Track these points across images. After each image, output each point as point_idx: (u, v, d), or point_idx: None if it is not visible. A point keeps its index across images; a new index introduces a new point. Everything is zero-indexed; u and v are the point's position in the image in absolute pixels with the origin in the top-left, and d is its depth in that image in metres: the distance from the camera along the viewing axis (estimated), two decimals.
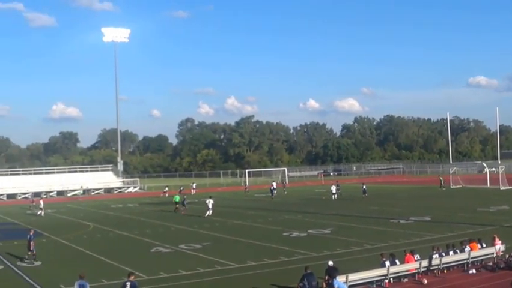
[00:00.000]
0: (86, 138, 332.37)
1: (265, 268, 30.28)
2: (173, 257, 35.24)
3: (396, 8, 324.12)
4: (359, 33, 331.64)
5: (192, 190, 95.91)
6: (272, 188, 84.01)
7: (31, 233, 36.08)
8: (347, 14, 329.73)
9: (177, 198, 68.22)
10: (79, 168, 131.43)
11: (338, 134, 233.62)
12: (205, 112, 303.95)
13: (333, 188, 75.31)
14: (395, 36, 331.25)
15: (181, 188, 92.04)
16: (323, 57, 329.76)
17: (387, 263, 26.14)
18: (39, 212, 66.23)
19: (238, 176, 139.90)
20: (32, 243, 34.99)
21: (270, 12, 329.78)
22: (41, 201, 69.84)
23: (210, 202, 58.66)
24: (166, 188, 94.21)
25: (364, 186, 77.72)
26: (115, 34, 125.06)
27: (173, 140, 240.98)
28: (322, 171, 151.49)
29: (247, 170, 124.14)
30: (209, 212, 57.98)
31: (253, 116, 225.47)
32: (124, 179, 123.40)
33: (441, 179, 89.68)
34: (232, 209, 66.60)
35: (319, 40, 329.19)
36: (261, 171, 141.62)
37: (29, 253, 35.02)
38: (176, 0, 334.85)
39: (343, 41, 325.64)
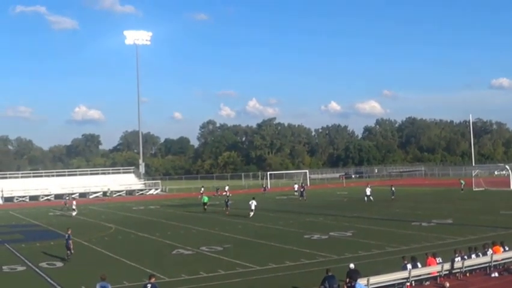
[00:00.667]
0: (108, 141, 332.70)
1: (287, 271, 30.27)
2: (195, 259, 35.27)
3: (416, 9, 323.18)
4: (379, 34, 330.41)
5: (225, 192, 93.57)
6: (302, 189, 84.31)
7: (69, 232, 36.63)
8: (367, 14, 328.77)
9: (205, 199, 70.30)
10: (101, 170, 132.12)
11: (360, 136, 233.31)
12: (226, 114, 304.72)
13: (368, 191, 74.94)
14: (416, 37, 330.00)
15: (218, 188, 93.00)
16: (344, 59, 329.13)
17: (409, 266, 26.07)
18: (74, 213, 67.08)
19: (259, 178, 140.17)
20: (70, 242, 35.81)
21: (290, 12, 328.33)
22: (74, 202, 71.34)
23: (253, 203, 59.63)
24: (202, 189, 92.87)
25: (393, 188, 77.42)
26: (137, 37, 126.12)
27: (195, 142, 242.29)
28: (343, 174, 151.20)
29: (268, 172, 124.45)
30: (252, 213, 58.73)
31: (274, 118, 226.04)
32: (146, 181, 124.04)
33: (462, 181, 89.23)
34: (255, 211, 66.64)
35: (340, 41, 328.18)
36: (282, 173, 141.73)
37: (68, 252, 35.70)
38: (197, 2, 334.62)
39: (364, 42, 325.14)
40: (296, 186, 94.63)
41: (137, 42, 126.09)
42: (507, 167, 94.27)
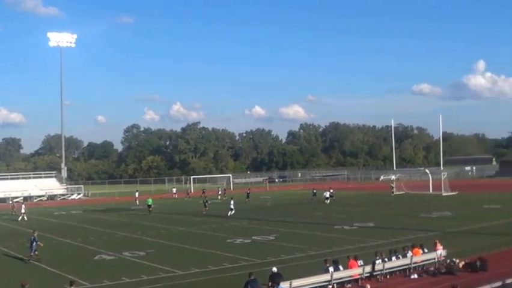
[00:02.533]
0: (30, 145, 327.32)
1: (209, 275, 30.22)
2: (117, 264, 34.90)
3: (339, 17, 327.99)
4: (303, 41, 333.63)
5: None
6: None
7: (35, 235, 37.16)
8: (290, 22, 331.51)
9: (149, 201, 70.88)
10: (22, 174, 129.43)
11: (284, 140, 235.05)
12: (150, 118, 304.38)
13: (327, 193, 75.92)
14: (339, 44, 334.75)
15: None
16: (267, 64, 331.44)
17: (331, 269, 26.37)
18: (20, 218, 65.92)
19: (183, 182, 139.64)
20: (34, 244, 36.34)
21: (215, 19, 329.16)
22: (23, 206, 70.27)
23: (231, 203, 63.42)
24: (137, 193, 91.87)
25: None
26: (61, 39, 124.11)
27: (119, 147, 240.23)
28: (267, 178, 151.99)
29: (192, 177, 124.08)
30: (231, 213, 62.26)
31: (199, 122, 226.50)
32: (68, 186, 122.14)
33: (393, 185, 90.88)
34: (178, 215, 66.39)
35: (263, 47, 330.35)
36: (206, 177, 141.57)
37: (32, 254, 36.06)
38: (122, 5, 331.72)
39: (288, 48, 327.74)
40: (222, 190, 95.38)
41: (61, 44, 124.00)
42: (427, 171, 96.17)
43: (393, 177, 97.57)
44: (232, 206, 63.18)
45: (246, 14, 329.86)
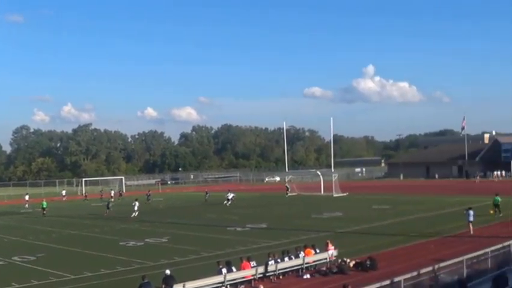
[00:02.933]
0: None
1: (102, 279, 29.84)
2: (6, 269, 33.96)
3: (230, 18, 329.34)
4: (195, 39, 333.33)
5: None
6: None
7: None
8: (185, 19, 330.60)
9: (44, 204, 70.08)
10: None
11: (176, 142, 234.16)
12: (40, 119, 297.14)
13: (230, 195, 75.98)
14: (231, 44, 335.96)
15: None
16: (158, 64, 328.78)
17: (224, 270, 26.44)
18: None
19: (74, 185, 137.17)
20: None
21: (106, 15, 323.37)
22: None
23: (135, 204, 63.72)
24: (27, 196, 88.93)
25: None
26: None
27: (7, 148, 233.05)
28: (160, 180, 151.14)
29: (83, 179, 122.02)
30: (135, 214, 62.68)
31: (90, 124, 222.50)
32: None
33: (288, 186, 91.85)
34: (69, 218, 65.16)
35: (157, 45, 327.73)
36: (98, 180, 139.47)
37: None
38: (12, 3, 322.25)
39: (178, 47, 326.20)
40: (113, 193, 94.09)
41: None
42: (318, 172, 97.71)
43: (284, 178, 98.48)
44: (136, 208, 63.34)
45: (137, 9, 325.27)
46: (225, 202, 74.76)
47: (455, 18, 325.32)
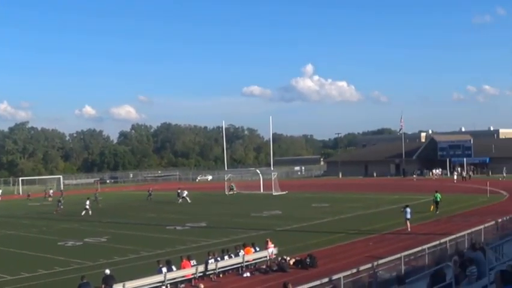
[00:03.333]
0: None
1: (40, 279, 29.45)
2: None
3: (165, 21, 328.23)
4: (134, 37, 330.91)
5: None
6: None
7: None
8: (122, 22, 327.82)
9: None
10: None
11: (115, 141, 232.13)
12: None
13: (184, 192, 76.54)
14: (170, 46, 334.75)
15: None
16: (96, 61, 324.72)
17: (164, 269, 26.36)
18: None
19: (11, 184, 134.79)
20: None
21: (43, 8, 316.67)
22: None
23: (87, 203, 62.92)
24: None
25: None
26: None
27: None
28: (98, 179, 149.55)
29: (20, 178, 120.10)
30: (88, 212, 62.08)
31: (27, 122, 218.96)
32: None
33: (233, 185, 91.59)
34: (5, 218, 63.97)
35: (93, 42, 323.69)
36: (35, 179, 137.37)
37: None
38: None
39: (116, 44, 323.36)
40: (51, 192, 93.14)
41: None
42: (258, 171, 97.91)
43: (221, 177, 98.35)
44: (87, 206, 62.68)
45: (73, 3, 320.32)
46: (179, 199, 75.69)
47: (393, 18, 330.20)
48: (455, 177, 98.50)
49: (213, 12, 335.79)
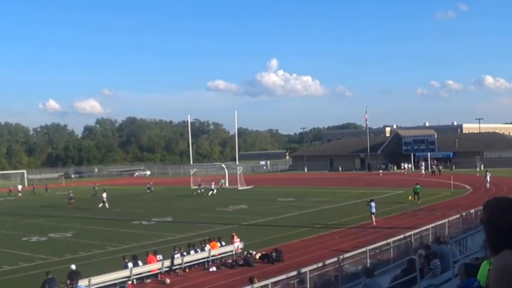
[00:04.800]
0: None
1: (5, 275, 29.26)
2: None
3: (133, 15, 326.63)
4: (95, 28, 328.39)
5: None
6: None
7: None
8: (87, 16, 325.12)
9: None
10: None
11: (80, 135, 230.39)
12: None
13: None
14: (135, 39, 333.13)
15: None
16: (60, 54, 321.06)
17: (130, 265, 26.34)
18: None
19: None
20: None
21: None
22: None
23: (104, 194, 63.60)
24: None
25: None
26: None
27: None
28: (63, 174, 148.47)
29: None
30: (104, 205, 62.34)
31: None
32: None
33: (222, 180, 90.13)
34: None
35: (55, 33, 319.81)
36: None
37: None
38: None
39: (77, 35, 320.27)
40: (20, 187, 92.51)
41: None
42: (223, 165, 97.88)
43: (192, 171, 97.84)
44: (105, 199, 62.84)
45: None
46: (211, 192, 76.73)
47: (356, 11, 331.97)
48: (423, 171, 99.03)
49: (179, 5, 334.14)
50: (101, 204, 62.07)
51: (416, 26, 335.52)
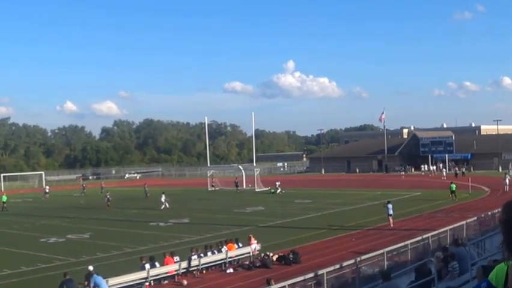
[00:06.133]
0: None
1: (23, 276, 29.39)
2: None
3: (147, 14, 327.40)
4: (113, 31, 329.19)
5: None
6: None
7: None
8: (95, 18, 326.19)
9: (4, 198, 69.26)
10: None
11: (97, 137, 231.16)
12: None
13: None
14: (148, 39, 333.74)
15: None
16: (78, 56, 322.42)
17: (147, 266, 26.40)
18: None
19: None
20: None
21: (22, 2, 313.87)
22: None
23: (162, 197, 62.79)
24: None
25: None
26: None
27: None
28: (81, 175, 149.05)
29: (2, 175, 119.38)
30: (164, 206, 61.92)
31: (9, 118, 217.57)
32: None
33: (236, 181, 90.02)
34: None
35: (73, 37, 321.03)
36: (17, 175, 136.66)
37: None
38: None
39: (95, 39, 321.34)
40: (48, 188, 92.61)
41: None
42: (240, 167, 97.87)
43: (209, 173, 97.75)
44: (163, 200, 62.56)
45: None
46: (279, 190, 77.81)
47: (373, 13, 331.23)
48: (444, 174, 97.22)
49: (196, 8, 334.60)
50: (163, 206, 61.74)
51: (432, 26, 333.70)
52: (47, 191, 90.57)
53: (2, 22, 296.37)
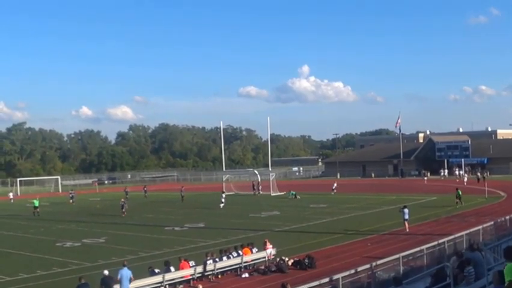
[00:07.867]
0: None
1: (39, 280, 29.49)
2: None
3: (164, 25, 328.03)
4: (130, 38, 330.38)
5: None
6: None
7: None
8: (120, 17, 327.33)
9: (36, 202, 68.48)
10: None
11: (113, 141, 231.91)
12: None
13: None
14: (167, 46, 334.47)
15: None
16: (91, 62, 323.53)
17: (156, 270, 26.49)
18: None
19: (9, 185, 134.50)
20: None
21: (38, 13, 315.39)
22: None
23: (222, 196, 67.74)
24: (11, 194, 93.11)
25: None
26: None
27: None
28: (96, 180, 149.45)
29: (18, 179, 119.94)
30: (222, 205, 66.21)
31: (25, 122, 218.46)
32: None
33: (254, 184, 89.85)
34: (2, 219, 63.94)
35: (89, 44, 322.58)
36: (33, 179, 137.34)
37: None
38: None
39: (110, 46, 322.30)
40: (73, 192, 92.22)
41: None
42: (256, 171, 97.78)
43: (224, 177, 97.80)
44: (223, 199, 66.69)
45: (67, 8, 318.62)
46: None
47: (388, 20, 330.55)
48: (465, 180, 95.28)
49: (210, 13, 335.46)
50: (222, 205, 65.64)
51: (447, 31, 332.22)
52: (73, 195, 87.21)
53: (17, 31, 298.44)
